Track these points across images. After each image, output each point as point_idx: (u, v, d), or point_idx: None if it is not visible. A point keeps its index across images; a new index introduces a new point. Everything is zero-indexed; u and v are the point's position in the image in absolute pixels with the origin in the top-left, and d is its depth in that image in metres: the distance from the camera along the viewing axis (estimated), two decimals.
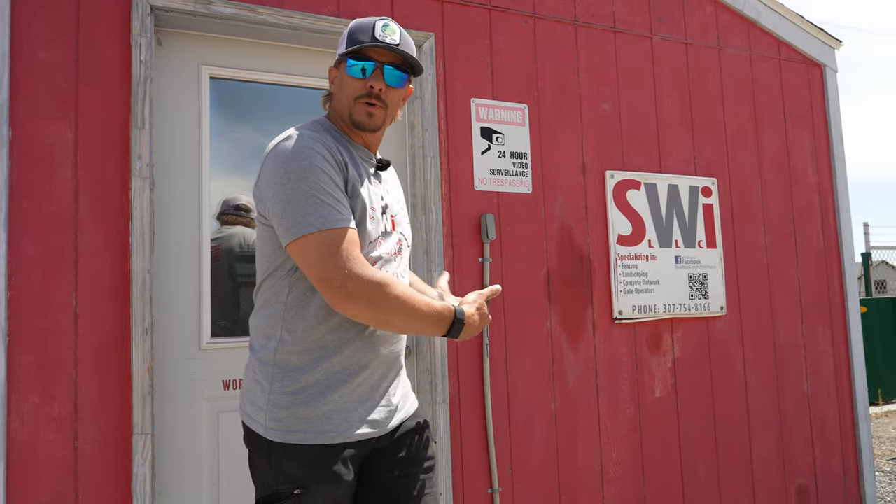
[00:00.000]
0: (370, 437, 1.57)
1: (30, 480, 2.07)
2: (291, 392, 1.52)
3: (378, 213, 1.60)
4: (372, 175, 1.66)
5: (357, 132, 1.64)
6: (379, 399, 1.59)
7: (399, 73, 1.61)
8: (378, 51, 1.58)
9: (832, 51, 3.80)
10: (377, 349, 1.58)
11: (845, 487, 3.53)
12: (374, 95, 1.59)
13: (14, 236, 2.11)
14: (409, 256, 1.75)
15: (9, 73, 2.13)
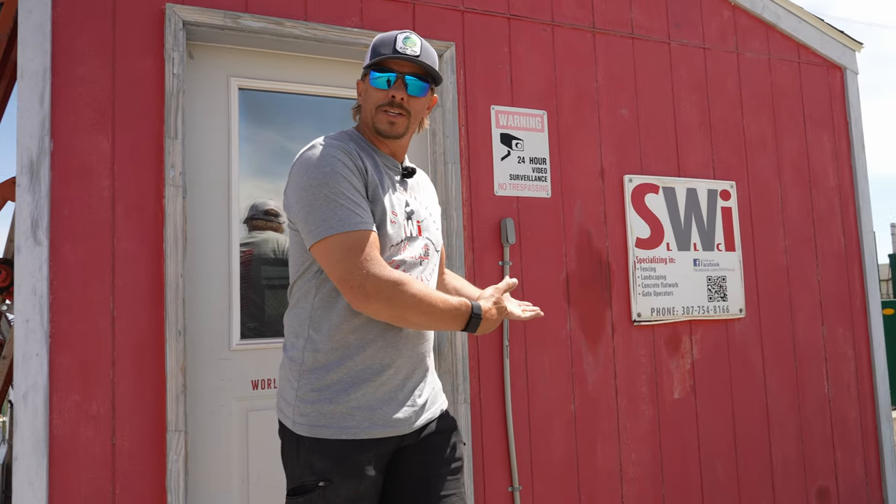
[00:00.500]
0: (394, 436, 1.63)
1: (71, 475, 2.17)
2: (317, 389, 1.60)
3: (400, 218, 1.67)
4: (397, 182, 1.73)
5: (383, 141, 1.72)
6: (404, 399, 1.65)
7: (420, 83, 1.68)
8: (399, 62, 1.66)
9: (853, 53, 3.80)
10: (400, 349, 1.65)
11: (867, 490, 3.53)
12: (396, 104, 1.67)
13: (55, 243, 2.21)
14: (437, 253, 1.81)
15: (50, 87, 2.24)
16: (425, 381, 1.72)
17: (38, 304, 2.17)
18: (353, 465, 1.58)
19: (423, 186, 1.86)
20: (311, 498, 1.57)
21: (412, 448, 1.69)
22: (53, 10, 2.27)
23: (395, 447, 1.67)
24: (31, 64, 2.23)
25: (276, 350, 2.57)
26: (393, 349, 1.64)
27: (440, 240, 1.84)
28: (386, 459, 1.66)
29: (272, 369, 2.55)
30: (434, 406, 1.74)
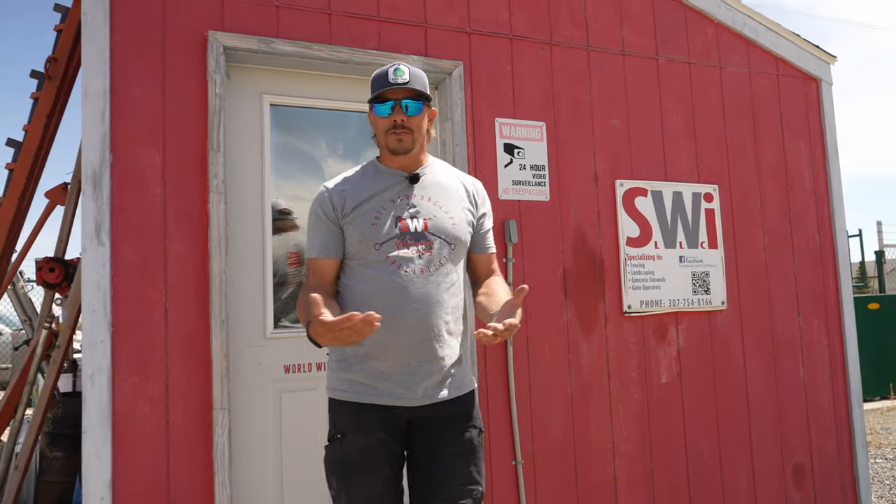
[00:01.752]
0: (397, 406, 1.94)
1: (131, 447, 2.48)
2: (337, 360, 2.02)
3: (386, 219, 1.97)
4: (399, 187, 2.03)
5: (394, 158, 2.04)
6: (402, 378, 1.94)
7: (414, 103, 2.00)
8: (394, 91, 1.98)
9: (827, 66, 4.11)
10: (398, 337, 1.92)
11: (839, 467, 3.85)
12: (399, 126, 1.98)
13: (115, 244, 2.52)
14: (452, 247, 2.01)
15: (109, 106, 2.55)
16: (432, 367, 1.94)
17: (101, 297, 2.48)
18: (363, 423, 1.94)
19: (445, 189, 2.08)
20: (335, 447, 1.96)
21: (423, 423, 1.99)
22: (112, 37, 2.58)
23: (407, 418, 1.97)
24: (93, 85, 2.53)
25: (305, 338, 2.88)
26: (389, 336, 1.90)
27: (457, 236, 2.03)
28: (399, 427, 1.97)
29: (302, 355, 2.86)
30: (445, 390, 1.97)
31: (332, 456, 1.97)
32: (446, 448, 1.97)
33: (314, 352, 2.90)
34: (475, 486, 1.96)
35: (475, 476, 1.97)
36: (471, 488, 1.95)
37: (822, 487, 3.78)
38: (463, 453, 1.98)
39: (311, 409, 2.87)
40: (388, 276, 1.94)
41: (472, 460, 1.98)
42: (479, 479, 1.98)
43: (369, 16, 3.00)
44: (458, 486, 1.94)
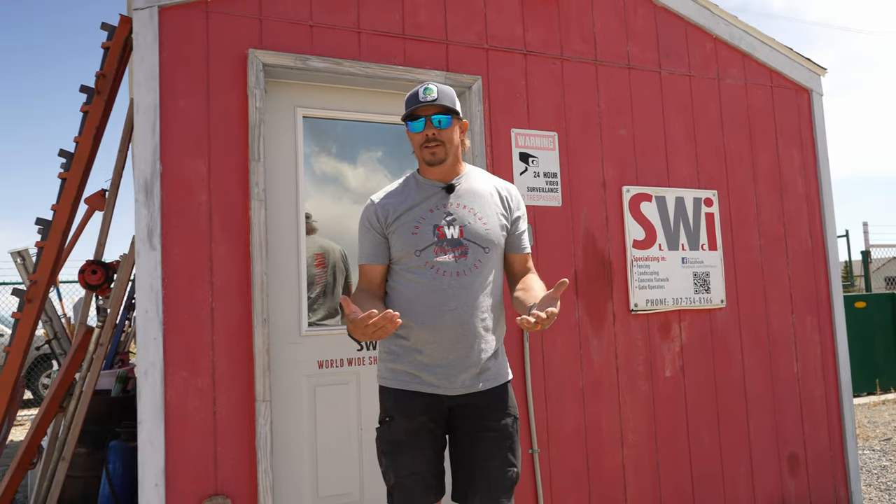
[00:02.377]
0: (438, 394, 2.15)
1: (182, 437, 2.67)
2: (387, 352, 2.23)
3: (426, 228, 2.17)
4: (437, 198, 2.23)
5: (430, 170, 2.25)
6: (442, 370, 2.14)
7: (443, 117, 2.19)
8: (424, 108, 2.18)
9: (818, 77, 4.36)
10: (438, 334, 2.13)
11: (831, 456, 4.09)
12: (432, 139, 2.19)
13: (166, 248, 2.71)
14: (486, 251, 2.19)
15: (159, 120, 2.74)
16: (469, 360, 2.14)
17: (154, 298, 2.67)
18: (407, 408, 2.16)
19: (479, 196, 2.25)
20: (384, 429, 2.20)
21: (463, 410, 2.20)
22: (160, 56, 2.77)
23: (448, 406, 2.18)
24: (144, 100, 2.72)
25: (336, 336, 3.09)
26: (428, 334, 2.13)
27: (491, 239, 2.20)
28: (440, 413, 2.18)
29: (334, 352, 3.06)
30: (481, 381, 2.17)
31: (381, 436, 2.19)
32: (484, 433, 2.17)
33: (345, 349, 3.11)
34: (511, 467, 2.16)
35: (511, 458, 2.17)
36: (507, 469, 2.15)
37: (815, 476, 4.02)
38: (500, 438, 2.17)
39: (343, 402, 3.08)
40: (427, 280, 2.14)
41: (508, 444, 2.18)
42: (514, 461, 2.18)
43: (395, 34, 3.20)
44: (496, 468, 2.14)
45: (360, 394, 3.11)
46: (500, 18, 3.45)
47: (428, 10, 3.28)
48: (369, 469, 3.08)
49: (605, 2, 3.73)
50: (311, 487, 2.98)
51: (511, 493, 2.17)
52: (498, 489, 2.13)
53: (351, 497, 3.06)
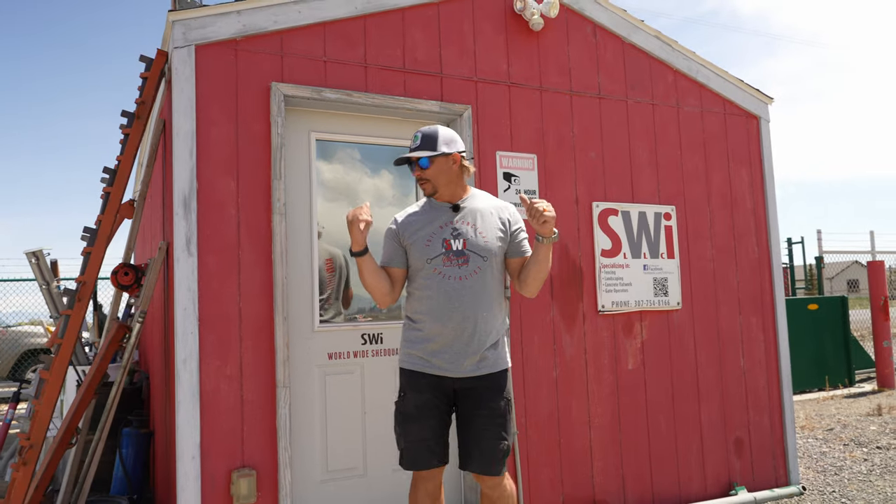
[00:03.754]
0: (444, 376, 2.64)
1: (214, 418, 3.11)
2: (405, 340, 2.75)
3: (436, 241, 2.66)
4: (446, 216, 2.71)
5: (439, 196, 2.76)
6: (448, 357, 2.61)
7: (424, 160, 2.67)
8: (412, 154, 2.69)
9: (766, 105, 4.92)
10: (445, 327, 2.62)
11: (772, 440, 4.65)
12: (420, 178, 2.72)
13: (201, 255, 3.15)
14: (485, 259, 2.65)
15: (195, 144, 3.17)
16: (470, 349, 2.60)
17: (191, 297, 3.10)
18: (417, 386, 2.66)
19: (481, 214, 2.72)
20: (398, 402, 2.74)
21: (465, 392, 2.67)
22: (197, 88, 3.20)
23: (453, 388, 2.66)
24: (182, 127, 3.15)
25: (343, 332, 3.55)
26: (437, 326, 2.62)
27: (490, 249, 2.66)
28: (445, 392, 2.67)
29: (341, 346, 3.52)
30: (481, 369, 2.63)
31: (396, 409, 2.72)
32: (481, 412, 2.63)
33: (352, 343, 3.57)
34: (503, 441, 2.62)
35: (502, 434, 2.63)
36: (499, 442, 2.61)
37: (758, 457, 4.57)
38: (493, 416, 2.63)
39: (349, 389, 3.54)
40: (437, 284, 2.63)
41: (500, 422, 2.63)
42: (505, 436, 2.64)
43: (397, 68, 3.67)
44: (489, 440, 2.61)
45: (364, 382, 3.58)
46: (488, 54, 3.94)
47: (425, 47, 3.75)
48: (372, 446, 3.55)
49: (579, 39, 4.24)
50: (321, 462, 3.44)
51: (502, 462, 2.64)
52: (490, 458, 2.61)
53: (356, 471, 3.52)
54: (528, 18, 3.99)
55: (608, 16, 4.32)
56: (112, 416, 3.53)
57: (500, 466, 2.64)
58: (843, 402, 8.23)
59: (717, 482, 4.39)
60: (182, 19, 3.18)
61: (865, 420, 7.01)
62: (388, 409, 3.60)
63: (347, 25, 3.56)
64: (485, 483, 2.68)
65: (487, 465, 2.62)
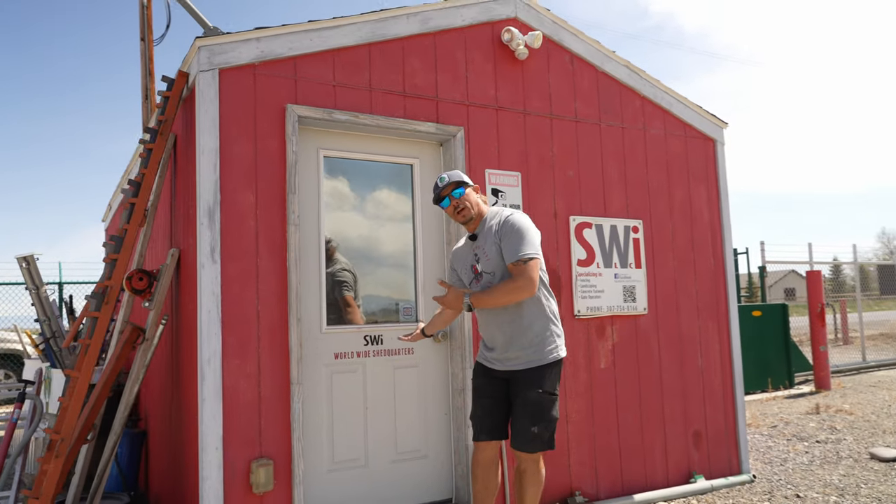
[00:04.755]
0: (493, 368, 3.22)
1: (235, 412, 3.38)
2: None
3: (467, 268, 3.23)
4: (472, 245, 3.21)
5: (468, 225, 3.23)
6: (494, 355, 3.23)
7: (456, 190, 3.16)
8: (443, 190, 3.17)
9: (721, 129, 5.43)
10: (490, 332, 3.20)
11: (726, 434, 5.13)
12: (457, 210, 3.15)
13: (224, 262, 3.42)
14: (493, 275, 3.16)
15: (219, 160, 3.45)
16: (504, 349, 3.18)
17: (215, 301, 3.37)
18: (476, 372, 3.35)
19: (486, 238, 3.20)
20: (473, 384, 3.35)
21: (510, 382, 3.18)
22: (220, 108, 3.47)
23: (503, 376, 3.18)
24: (207, 145, 3.42)
25: (347, 334, 3.86)
26: (487, 331, 3.24)
27: (492, 265, 3.16)
28: (497, 381, 3.22)
29: (346, 346, 3.83)
30: (517, 365, 3.15)
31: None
32: (517, 400, 3.15)
33: (355, 344, 3.89)
34: (533, 426, 3.09)
35: (532, 420, 3.09)
36: (528, 426, 3.09)
37: (714, 449, 5.05)
38: (525, 404, 3.11)
39: (353, 386, 3.85)
40: None
41: (531, 410, 3.10)
42: (534, 423, 3.09)
43: (398, 92, 4.01)
44: (521, 425, 3.11)
45: (366, 380, 3.89)
46: (478, 81, 4.31)
47: (423, 74, 4.11)
48: (372, 440, 3.87)
49: (559, 68, 4.66)
50: (328, 453, 3.74)
51: (532, 443, 3.10)
52: (521, 438, 3.11)
53: (358, 462, 3.83)
54: (514, 48, 4.38)
55: (584, 47, 4.76)
56: (127, 416, 3.75)
57: (530, 446, 3.11)
58: (784, 403, 8.87)
59: (678, 471, 4.84)
60: (207, 45, 3.45)
61: (805, 418, 7.63)
62: (387, 405, 3.95)
63: (354, 53, 3.88)
64: (518, 457, 3.18)
65: (519, 443, 3.13)
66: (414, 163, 4.17)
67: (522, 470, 3.20)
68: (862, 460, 5.60)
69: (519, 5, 4.51)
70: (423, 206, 4.19)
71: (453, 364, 4.11)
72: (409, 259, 4.16)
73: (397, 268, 4.14)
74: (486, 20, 4.37)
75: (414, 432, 4.01)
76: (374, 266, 4.08)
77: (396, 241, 4.14)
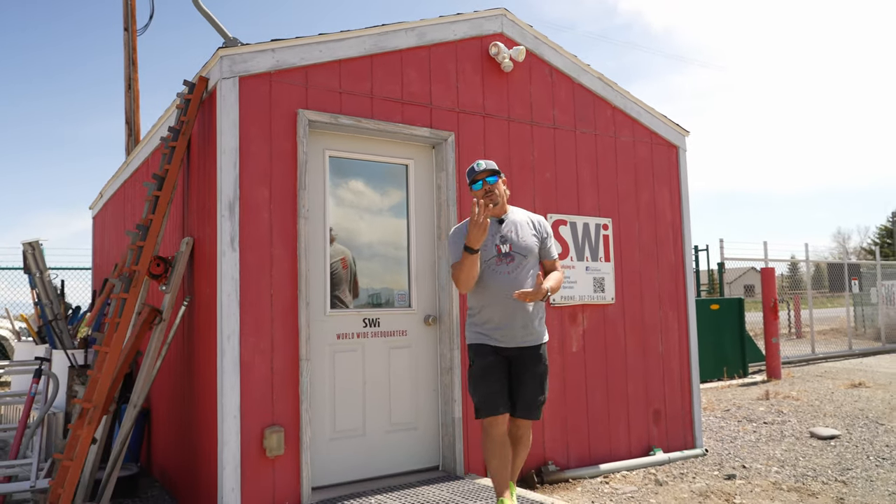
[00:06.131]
0: (500, 346, 3.37)
1: (251, 385, 3.79)
2: (470, 323, 3.49)
3: (489, 246, 3.41)
4: (494, 228, 3.45)
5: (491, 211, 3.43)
6: (503, 332, 3.37)
7: (491, 178, 3.46)
8: (479, 174, 3.46)
9: (683, 137, 5.97)
10: (500, 310, 3.35)
11: (682, 413, 5.68)
12: (488, 191, 3.44)
13: (242, 251, 3.82)
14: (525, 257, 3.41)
15: (238, 159, 3.84)
16: (516, 329, 3.37)
17: (234, 285, 3.77)
18: (481, 353, 3.41)
19: (519, 224, 3.49)
20: (470, 370, 3.46)
21: (516, 359, 3.41)
22: (239, 111, 3.86)
23: (506, 355, 3.39)
24: (228, 145, 3.81)
25: (348, 317, 4.29)
26: (497, 309, 3.36)
27: (529, 248, 3.43)
28: (502, 358, 3.38)
29: (347, 328, 4.26)
30: (524, 343, 3.39)
31: (468, 375, 3.47)
32: (527, 372, 3.41)
33: (355, 326, 4.31)
34: (541, 395, 3.44)
35: (540, 389, 3.44)
36: (537, 395, 3.42)
37: (671, 426, 5.60)
38: (535, 376, 3.42)
39: (353, 364, 4.28)
40: (494, 276, 3.39)
41: (540, 381, 3.44)
42: (543, 393, 3.44)
43: (396, 99, 4.43)
44: (530, 394, 3.41)
45: (365, 358, 4.33)
46: (468, 90, 4.76)
47: (419, 83, 4.54)
48: (370, 412, 4.31)
49: (539, 79, 5.13)
50: (331, 423, 4.17)
51: (539, 411, 3.45)
52: (531, 406, 3.43)
53: (357, 431, 4.27)
54: (500, 61, 4.84)
55: (562, 60, 5.24)
56: (148, 387, 4.12)
57: (536, 412, 3.46)
58: (738, 390, 9.53)
59: (639, 445, 5.38)
60: (229, 54, 3.84)
61: (756, 403, 8.27)
62: (382, 381, 4.40)
63: (358, 63, 4.30)
64: (520, 425, 3.47)
65: (527, 412, 3.43)
66: (409, 163, 4.61)
67: (520, 436, 3.50)
68: (803, 438, 6.22)
69: (505, 22, 4.97)
70: (416, 203, 4.63)
71: (442, 346, 4.57)
72: (403, 250, 4.60)
73: (393, 258, 4.57)
74: (475, 35, 4.81)
75: (406, 406, 4.47)
76: (372, 256, 4.51)
77: (392, 234, 4.57)
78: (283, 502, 3.83)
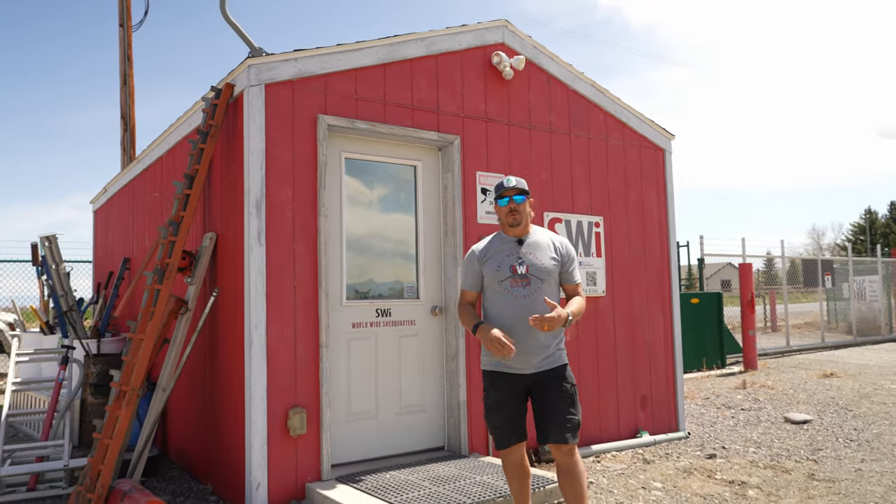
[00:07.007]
0: (517, 374, 3.18)
1: (276, 370, 4.11)
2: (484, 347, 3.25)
3: (505, 266, 3.24)
4: (512, 247, 3.29)
5: (511, 230, 3.33)
6: (519, 358, 3.14)
7: (519, 197, 3.31)
8: (508, 190, 3.43)
9: (669, 140, 6.36)
10: (515, 334, 3.12)
11: (666, 398, 6.08)
12: (513, 210, 3.34)
13: (268, 245, 4.13)
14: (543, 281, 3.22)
15: (264, 160, 4.14)
16: (536, 351, 3.17)
17: (260, 278, 4.08)
18: (496, 384, 3.25)
19: (539, 246, 3.31)
20: (484, 398, 3.33)
21: (537, 383, 3.21)
22: (266, 116, 4.17)
23: (525, 383, 3.19)
24: (255, 147, 4.12)
25: (362, 308, 4.62)
26: (511, 334, 3.11)
27: (547, 271, 3.24)
28: (519, 386, 3.20)
29: (361, 317, 4.59)
30: (545, 366, 3.18)
31: (483, 401, 3.34)
32: (552, 395, 3.18)
33: (368, 315, 4.64)
34: (572, 416, 3.16)
35: (572, 411, 3.17)
36: (569, 417, 3.14)
37: (657, 411, 6.00)
38: (563, 397, 3.17)
39: (366, 351, 4.61)
40: (507, 299, 3.22)
41: (569, 401, 3.18)
42: (574, 412, 3.16)
43: (407, 105, 4.76)
44: (561, 413, 3.14)
45: (377, 346, 4.66)
46: (472, 96, 5.10)
47: (427, 90, 4.87)
48: (382, 396, 4.65)
49: (537, 86, 5.48)
50: (346, 406, 4.50)
51: (573, 432, 3.13)
52: (563, 427, 3.13)
53: (369, 414, 4.61)
54: (502, 70, 5.18)
55: (559, 69, 5.59)
56: (179, 372, 4.42)
57: (572, 436, 3.14)
58: (717, 380, 9.99)
59: (627, 428, 5.77)
60: (256, 63, 4.14)
61: (734, 392, 8.73)
62: (393, 367, 4.73)
63: (372, 72, 4.62)
64: (560, 452, 3.16)
65: (562, 436, 3.12)
66: (417, 165, 4.94)
67: (564, 465, 3.18)
68: (778, 423, 6.67)
69: (506, 33, 5.31)
70: (424, 201, 4.96)
71: (447, 334, 4.91)
72: (411, 245, 4.93)
73: (402, 253, 4.90)
74: (479, 45, 5.15)
75: (415, 390, 4.81)
76: (383, 251, 4.84)
77: (401, 230, 4.90)
78: (306, 477, 4.16)
